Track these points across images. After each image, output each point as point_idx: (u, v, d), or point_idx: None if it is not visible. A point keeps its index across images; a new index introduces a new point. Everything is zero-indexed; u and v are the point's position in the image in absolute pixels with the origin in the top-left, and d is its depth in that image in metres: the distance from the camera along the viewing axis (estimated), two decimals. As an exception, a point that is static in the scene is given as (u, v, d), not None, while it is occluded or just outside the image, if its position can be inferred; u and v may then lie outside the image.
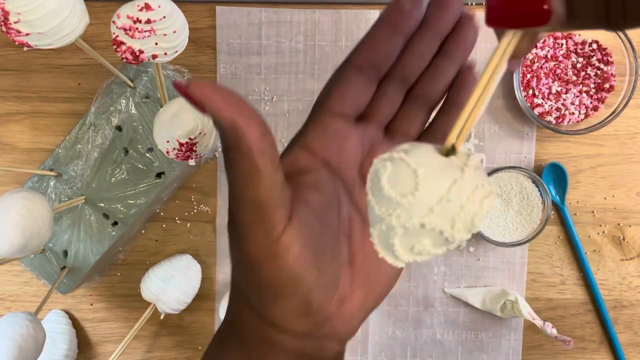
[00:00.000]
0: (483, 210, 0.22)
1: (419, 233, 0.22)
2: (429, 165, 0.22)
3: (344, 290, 0.29)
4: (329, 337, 0.29)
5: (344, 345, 0.31)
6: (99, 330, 0.65)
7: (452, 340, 0.65)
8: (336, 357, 0.30)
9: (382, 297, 0.30)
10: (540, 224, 0.62)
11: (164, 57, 0.44)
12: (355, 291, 0.29)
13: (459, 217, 0.22)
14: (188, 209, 0.64)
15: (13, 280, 0.65)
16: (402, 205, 0.22)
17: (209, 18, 0.62)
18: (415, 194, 0.21)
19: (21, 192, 0.47)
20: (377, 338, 0.65)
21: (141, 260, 0.64)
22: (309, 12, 0.62)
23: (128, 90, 0.57)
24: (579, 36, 0.61)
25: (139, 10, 0.41)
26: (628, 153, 0.63)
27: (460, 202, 0.21)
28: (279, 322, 0.28)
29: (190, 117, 0.46)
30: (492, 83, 0.23)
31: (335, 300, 0.28)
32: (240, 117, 0.24)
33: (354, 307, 0.29)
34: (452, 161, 0.22)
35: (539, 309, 0.64)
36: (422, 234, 0.22)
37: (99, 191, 0.58)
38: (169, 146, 0.47)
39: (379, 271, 0.30)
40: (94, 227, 0.58)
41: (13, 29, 0.40)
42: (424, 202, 0.21)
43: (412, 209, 0.22)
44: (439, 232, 0.22)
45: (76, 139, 0.58)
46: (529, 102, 0.61)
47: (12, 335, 0.48)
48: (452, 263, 0.64)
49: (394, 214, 0.22)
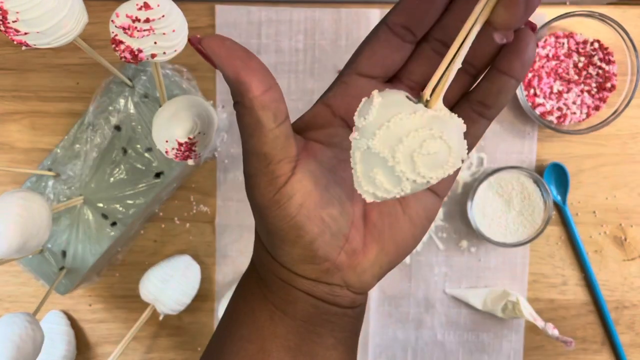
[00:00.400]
0: (422, 149, 0.23)
1: (371, 159, 0.24)
2: (388, 99, 0.24)
3: (355, 243, 0.29)
4: (340, 285, 0.30)
5: (361, 295, 0.31)
6: (98, 331, 0.65)
7: (453, 341, 0.65)
8: (351, 304, 0.31)
9: (399, 257, 0.31)
10: (541, 224, 0.62)
11: (163, 56, 0.43)
12: (368, 246, 0.30)
13: (398, 149, 0.23)
14: (187, 209, 0.64)
15: (11, 281, 0.64)
16: (359, 128, 0.24)
17: (208, 17, 0.62)
18: (366, 117, 0.24)
19: (19, 192, 0.46)
20: (377, 339, 0.65)
21: (140, 260, 0.64)
22: (308, 11, 0.61)
23: (127, 90, 0.57)
24: (580, 35, 0.60)
25: (137, 9, 0.40)
26: (630, 153, 0.63)
27: (400, 134, 0.23)
28: (287, 265, 0.29)
29: (189, 117, 0.45)
30: (467, 42, 0.24)
31: (344, 251, 0.29)
32: (244, 72, 0.25)
33: (367, 261, 0.30)
34: (414, 105, 0.24)
35: (540, 309, 0.64)
36: (374, 161, 0.24)
37: (98, 191, 0.58)
38: (167, 146, 0.46)
39: (394, 230, 0.30)
40: (92, 228, 0.58)
41: (11, 28, 0.39)
42: (371, 125, 0.24)
43: (363, 131, 0.24)
44: (384, 159, 0.24)
45: (75, 139, 0.58)
46: (531, 101, 0.60)
47: (10, 336, 0.48)
48: (453, 264, 0.64)
49: (353, 137, 0.25)
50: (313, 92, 0.62)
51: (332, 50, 0.62)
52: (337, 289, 0.30)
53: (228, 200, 0.63)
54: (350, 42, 0.61)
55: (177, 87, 0.56)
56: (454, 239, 0.64)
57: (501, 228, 0.62)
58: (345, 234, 0.29)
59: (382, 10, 0.61)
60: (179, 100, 0.47)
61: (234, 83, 0.26)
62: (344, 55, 0.62)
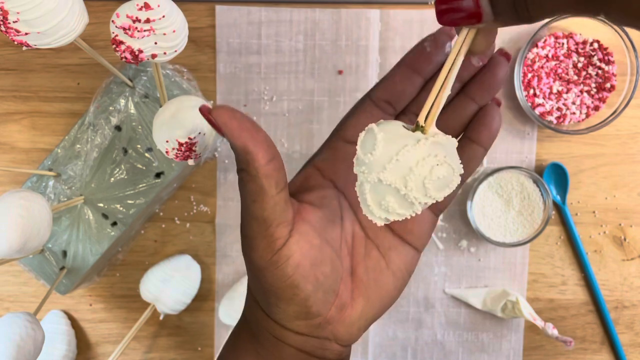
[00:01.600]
0: (432, 176, 0.26)
1: (382, 189, 0.26)
2: (389, 132, 0.26)
3: (344, 298, 0.32)
4: (329, 339, 0.32)
5: (347, 347, 0.33)
6: (98, 331, 0.65)
7: (453, 341, 0.65)
8: (338, 357, 0.33)
9: (383, 308, 0.33)
10: (541, 224, 0.62)
11: (164, 56, 0.44)
12: (356, 300, 0.32)
13: (410, 178, 0.26)
14: (187, 209, 0.64)
15: (12, 281, 0.64)
16: (365, 162, 0.26)
17: (208, 17, 0.62)
18: (373, 153, 0.26)
19: (20, 192, 0.46)
20: (377, 339, 0.65)
21: (140, 260, 0.64)
22: (309, 12, 0.61)
23: (127, 90, 0.57)
24: (579, 35, 0.60)
25: (138, 9, 0.40)
26: (629, 153, 0.63)
27: (409, 164, 0.26)
28: (281, 322, 0.31)
29: (190, 117, 0.45)
30: (453, 72, 0.27)
31: (334, 306, 0.31)
32: (252, 143, 0.28)
33: (354, 315, 0.32)
34: (414, 135, 0.27)
35: (539, 309, 0.64)
36: (385, 191, 0.26)
37: (98, 191, 0.58)
38: (168, 146, 0.46)
39: (379, 284, 0.33)
40: (93, 228, 0.58)
41: (12, 29, 0.39)
42: (379, 160, 0.26)
43: (371, 165, 0.26)
44: (396, 189, 0.26)
45: (75, 139, 0.58)
46: (530, 101, 0.60)
47: (10, 336, 0.48)
48: (452, 263, 0.64)
49: (360, 170, 0.27)
50: (313, 92, 0.62)
51: (332, 51, 0.62)
52: (327, 343, 0.32)
53: (228, 200, 0.63)
54: (351, 43, 0.62)
55: (177, 87, 0.57)
56: (454, 239, 0.64)
57: (501, 228, 0.62)
58: (335, 290, 0.31)
59: (382, 10, 0.61)
60: (179, 100, 0.47)
61: (242, 152, 0.28)
62: (344, 56, 0.62)
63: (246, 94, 0.62)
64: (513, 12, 0.23)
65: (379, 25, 0.62)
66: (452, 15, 0.25)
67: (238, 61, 0.62)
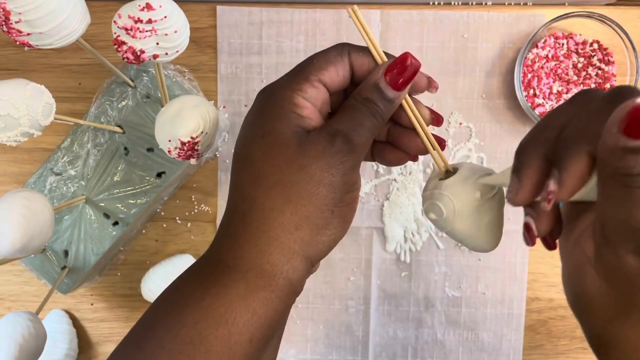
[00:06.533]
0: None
1: None
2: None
3: None
4: None
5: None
6: (100, 330, 0.65)
7: (453, 340, 0.65)
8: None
9: None
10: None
11: (165, 57, 0.44)
12: None
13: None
14: (188, 208, 0.64)
15: (13, 280, 0.65)
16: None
17: (209, 18, 0.62)
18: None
19: (22, 192, 0.46)
20: (377, 338, 0.65)
21: (141, 260, 0.64)
22: (309, 12, 0.62)
23: (129, 90, 0.57)
24: (579, 36, 0.61)
25: (140, 10, 0.40)
26: (629, 153, 0.63)
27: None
28: None
29: (192, 116, 0.46)
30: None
31: None
32: None
33: None
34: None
35: (540, 308, 0.64)
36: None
37: (100, 191, 0.58)
38: (170, 145, 0.47)
39: None
40: (94, 227, 0.58)
41: (14, 29, 0.39)
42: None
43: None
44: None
45: (77, 139, 0.58)
46: (530, 102, 0.61)
47: (13, 335, 0.48)
48: (452, 263, 0.64)
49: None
50: (314, 92, 0.62)
51: (332, 51, 0.62)
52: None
53: (229, 200, 0.64)
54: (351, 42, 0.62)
55: (178, 87, 0.57)
56: (454, 238, 0.64)
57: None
58: None
59: (382, 10, 0.61)
60: (182, 99, 0.48)
61: None
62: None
63: (247, 94, 0.63)
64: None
65: (379, 26, 0.62)
66: None
67: (239, 61, 0.62)
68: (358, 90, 0.35)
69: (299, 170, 0.32)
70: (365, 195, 0.63)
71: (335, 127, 0.33)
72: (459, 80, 0.62)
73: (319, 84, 0.34)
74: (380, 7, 0.62)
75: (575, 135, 0.27)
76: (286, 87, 0.34)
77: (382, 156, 0.39)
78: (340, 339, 0.65)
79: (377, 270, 0.64)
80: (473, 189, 0.34)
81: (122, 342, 0.33)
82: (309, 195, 0.32)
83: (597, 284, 0.30)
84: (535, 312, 0.64)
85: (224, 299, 0.31)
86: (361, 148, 0.33)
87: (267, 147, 0.32)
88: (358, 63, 0.35)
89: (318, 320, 0.65)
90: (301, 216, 0.32)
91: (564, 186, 0.27)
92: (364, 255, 0.64)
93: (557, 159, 0.28)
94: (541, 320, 0.65)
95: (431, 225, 0.63)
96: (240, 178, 0.34)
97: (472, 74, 0.62)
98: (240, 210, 0.33)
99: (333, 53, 0.35)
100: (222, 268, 0.32)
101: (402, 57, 0.34)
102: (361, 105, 0.34)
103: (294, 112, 0.33)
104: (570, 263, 0.32)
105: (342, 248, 0.64)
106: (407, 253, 0.64)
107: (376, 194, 0.63)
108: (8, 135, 0.41)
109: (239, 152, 0.34)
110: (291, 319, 0.65)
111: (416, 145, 0.37)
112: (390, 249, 0.64)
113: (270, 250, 0.32)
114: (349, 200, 0.34)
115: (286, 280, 0.32)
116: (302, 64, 0.35)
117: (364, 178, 0.63)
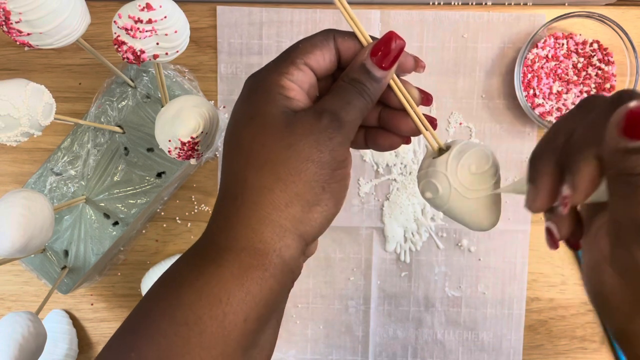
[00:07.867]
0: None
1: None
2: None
3: None
4: None
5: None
6: (100, 330, 0.65)
7: (453, 340, 0.65)
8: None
9: None
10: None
11: (165, 57, 0.44)
12: None
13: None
14: (188, 208, 0.64)
15: (13, 280, 0.65)
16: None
17: (209, 18, 0.62)
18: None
19: (22, 192, 0.47)
20: (377, 338, 0.65)
21: (142, 260, 0.64)
22: (309, 12, 0.62)
23: (129, 90, 0.57)
24: (579, 36, 0.61)
25: (140, 10, 0.40)
26: (629, 153, 0.63)
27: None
28: None
29: (193, 116, 0.46)
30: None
31: None
32: None
33: None
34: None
35: (539, 308, 0.64)
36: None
37: (100, 191, 0.58)
38: (170, 145, 0.47)
39: None
40: (94, 227, 0.58)
41: (14, 29, 0.40)
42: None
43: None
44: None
45: (77, 139, 0.58)
46: (530, 102, 0.61)
47: (13, 335, 0.48)
48: (452, 263, 0.64)
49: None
50: (314, 92, 0.62)
51: (332, 51, 0.62)
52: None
53: (229, 200, 0.64)
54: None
55: (178, 87, 0.57)
56: (454, 238, 0.64)
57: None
58: None
59: (382, 10, 0.61)
60: (183, 99, 0.48)
61: None
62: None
63: (247, 94, 0.63)
64: None
65: (379, 26, 0.62)
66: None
67: (239, 61, 0.62)
68: (345, 72, 0.35)
69: (287, 148, 0.32)
70: (365, 195, 0.63)
71: (323, 106, 0.33)
72: (459, 81, 0.63)
73: (305, 67, 0.34)
74: (380, 7, 0.62)
75: (582, 140, 0.28)
76: (273, 71, 0.34)
77: (375, 141, 0.39)
78: (340, 339, 0.65)
79: (377, 270, 0.64)
80: (467, 162, 0.34)
81: (119, 328, 0.33)
82: (298, 172, 0.32)
83: (614, 281, 0.30)
84: (535, 312, 0.64)
85: (218, 279, 0.31)
86: (349, 125, 0.33)
87: (256, 129, 0.33)
88: (344, 47, 0.36)
89: (318, 320, 0.65)
90: (291, 193, 0.32)
91: (578, 190, 0.28)
92: (364, 255, 0.64)
93: (568, 164, 0.29)
94: (541, 320, 0.65)
95: (431, 226, 0.63)
96: (231, 161, 0.34)
97: (472, 74, 0.62)
98: (232, 192, 0.33)
99: (319, 37, 0.35)
100: (216, 249, 0.32)
101: (387, 37, 0.34)
102: (349, 86, 0.34)
103: (281, 93, 0.33)
104: (590, 261, 0.32)
105: (342, 248, 0.64)
106: (407, 253, 0.64)
107: (376, 194, 0.63)
108: (8, 135, 0.41)
109: (229, 137, 0.35)
110: (291, 319, 0.65)
111: (408, 126, 0.37)
112: (390, 249, 0.64)
113: (262, 229, 0.32)
114: (339, 177, 0.34)
115: (279, 259, 0.32)
116: (288, 50, 0.35)
117: (364, 178, 0.63)
